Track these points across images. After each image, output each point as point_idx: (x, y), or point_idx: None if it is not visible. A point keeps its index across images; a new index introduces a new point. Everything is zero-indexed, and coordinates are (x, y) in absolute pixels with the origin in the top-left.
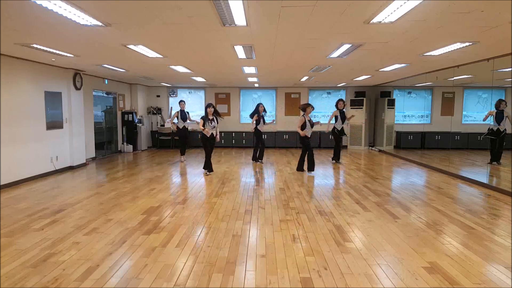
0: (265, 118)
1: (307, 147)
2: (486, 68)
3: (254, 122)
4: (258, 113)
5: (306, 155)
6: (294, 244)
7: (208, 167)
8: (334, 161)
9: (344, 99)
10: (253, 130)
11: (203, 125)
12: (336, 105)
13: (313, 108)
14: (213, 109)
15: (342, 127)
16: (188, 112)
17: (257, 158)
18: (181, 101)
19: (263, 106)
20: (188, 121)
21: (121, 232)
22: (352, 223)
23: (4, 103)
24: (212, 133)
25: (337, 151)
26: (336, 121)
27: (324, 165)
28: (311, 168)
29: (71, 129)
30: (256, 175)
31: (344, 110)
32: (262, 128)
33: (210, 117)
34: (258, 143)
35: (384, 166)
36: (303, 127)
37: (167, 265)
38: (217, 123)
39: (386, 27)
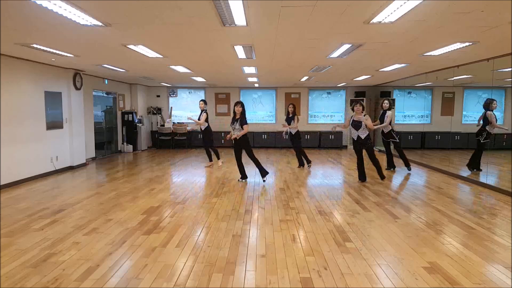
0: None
1: (360, 153)
2: (486, 68)
3: (286, 124)
4: (288, 114)
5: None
6: (294, 244)
7: (242, 173)
8: (391, 169)
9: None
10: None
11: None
12: (381, 106)
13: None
14: (241, 108)
15: (391, 129)
16: (205, 110)
17: (303, 162)
18: (201, 100)
19: (293, 106)
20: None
21: (121, 232)
22: (352, 223)
23: (4, 103)
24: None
25: (389, 158)
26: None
27: (323, 165)
28: (362, 177)
29: (71, 129)
30: (256, 175)
31: (386, 111)
32: (293, 129)
33: (237, 117)
34: (296, 147)
35: (384, 166)
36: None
37: (167, 265)
38: (240, 124)
39: (386, 27)
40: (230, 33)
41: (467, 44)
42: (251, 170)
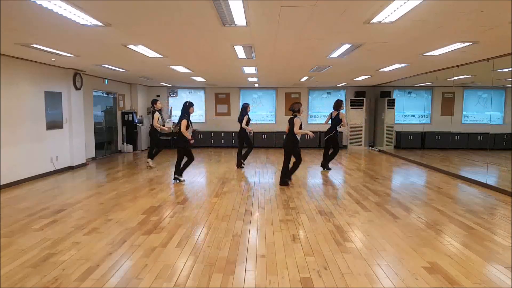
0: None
1: (299, 155)
2: (486, 68)
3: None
4: (247, 114)
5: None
6: (294, 244)
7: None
8: (327, 169)
9: (343, 99)
10: (251, 134)
11: (187, 128)
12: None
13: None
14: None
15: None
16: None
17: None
18: (157, 101)
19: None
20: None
21: (121, 232)
22: (352, 223)
23: (4, 103)
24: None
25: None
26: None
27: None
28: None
29: (71, 129)
30: (256, 175)
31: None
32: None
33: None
34: (249, 145)
35: (384, 166)
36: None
37: (167, 265)
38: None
39: (386, 27)
40: (230, 33)
41: (467, 44)
42: (251, 170)
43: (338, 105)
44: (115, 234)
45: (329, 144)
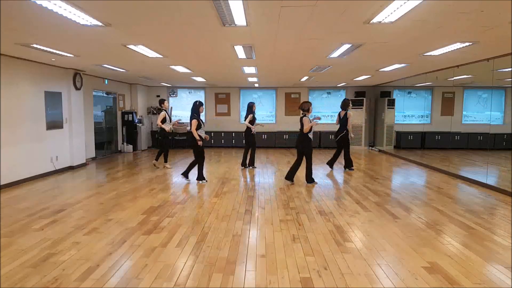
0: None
1: (310, 155)
2: (486, 68)
3: (248, 122)
4: (253, 113)
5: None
6: (294, 244)
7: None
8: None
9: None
10: (253, 132)
11: (198, 128)
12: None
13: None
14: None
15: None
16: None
17: (248, 163)
18: (163, 100)
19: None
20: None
21: (121, 232)
22: (352, 223)
23: (4, 103)
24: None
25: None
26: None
27: (323, 165)
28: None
29: (71, 129)
30: (256, 175)
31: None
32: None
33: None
34: (252, 146)
35: (384, 166)
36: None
37: (167, 265)
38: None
39: (386, 27)
40: (230, 33)
41: (467, 44)
42: (251, 170)
43: (345, 104)
44: (115, 234)
45: (341, 144)
